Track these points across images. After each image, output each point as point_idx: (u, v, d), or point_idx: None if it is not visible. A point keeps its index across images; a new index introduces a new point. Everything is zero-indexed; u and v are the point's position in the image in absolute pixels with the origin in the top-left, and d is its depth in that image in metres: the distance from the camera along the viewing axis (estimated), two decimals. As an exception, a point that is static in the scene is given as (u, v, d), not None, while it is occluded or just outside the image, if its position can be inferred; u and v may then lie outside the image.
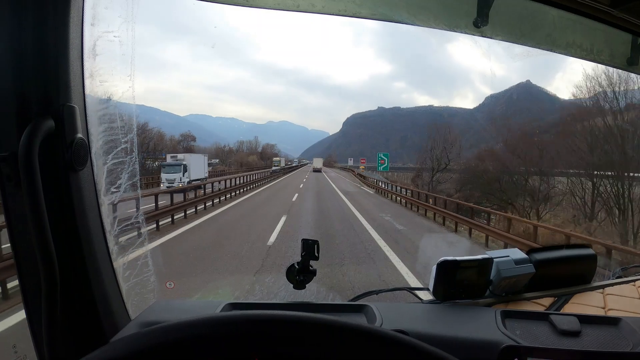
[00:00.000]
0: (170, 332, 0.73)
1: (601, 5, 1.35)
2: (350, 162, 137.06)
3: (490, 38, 1.49)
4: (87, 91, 1.16)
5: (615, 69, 1.65)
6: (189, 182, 32.69)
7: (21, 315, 6.12)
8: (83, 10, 1.11)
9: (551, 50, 1.60)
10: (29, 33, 1.00)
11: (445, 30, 1.48)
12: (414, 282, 8.93)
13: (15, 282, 7.61)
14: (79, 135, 1.09)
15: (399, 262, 10.58)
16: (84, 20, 1.12)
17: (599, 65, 1.63)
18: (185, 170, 34.33)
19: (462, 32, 1.46)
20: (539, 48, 1.58)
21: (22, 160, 0.94)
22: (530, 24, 1.52)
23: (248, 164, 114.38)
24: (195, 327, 0.73)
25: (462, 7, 1.43)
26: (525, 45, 1.56)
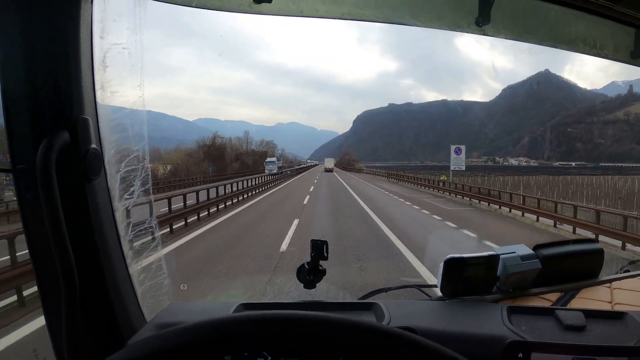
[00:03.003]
0: (184, 334, 0.77)
1: (602, 1, 1.36)
2: (458, 160, 47.30)
3: (493, 36, 1.51)
4: (98, 102, 1.20)
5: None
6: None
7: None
8: (92, 24, 1.15)
9: (554, 47, 1.61)
10: (41, 50, 1.05)
11: (447, 30, 1.50)
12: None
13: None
14: (93, 145, 1.13)
15: None
16: (93, 34, 1.16)
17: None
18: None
19: (464, 32, 1.48)
20: (542, 44, 1.59)
21: (40, 172, 0.98)
22: (532, 21, 1.53)
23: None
24: (207, 328, 0.77)
25: (464, 7, 1.44)
26: (528, 42, 1.58)
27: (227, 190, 27.59)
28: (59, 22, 1.06)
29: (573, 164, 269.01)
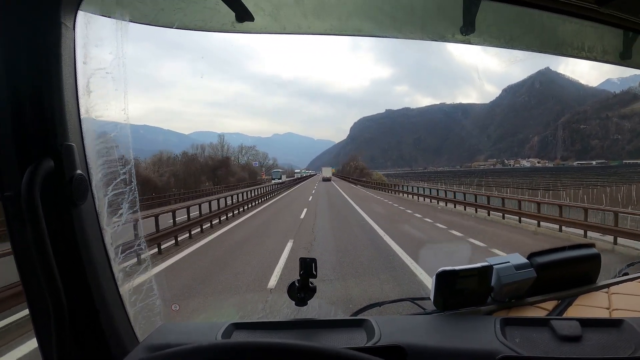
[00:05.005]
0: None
1: (588, 4, 1.36)
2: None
3: (479, 45, 1.51)
4: (84, 128, 1.20)
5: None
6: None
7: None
8: (75, 50, 1.16)
9: (542, 52, 1.61)
10: (23, 78, 1.05)
11: (432, 41, 1.50)
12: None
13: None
14: (78, 171, 1.14)
15: None
16: (77, 60, 1.17)
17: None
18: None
19: (449, 42, 1.48)
20: (529, 50, 1.59)
21: (25, 199, 0.99)
22: (518, 28, 1.53)
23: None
24: (193, 354, 0.77)
25: (448, 17, 1.45)
26: (515, 49, 1.58)
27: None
28: (41, 49, 1.07)
29: (594, 162, 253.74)
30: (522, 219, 19.31)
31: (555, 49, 1.61)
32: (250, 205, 30.52)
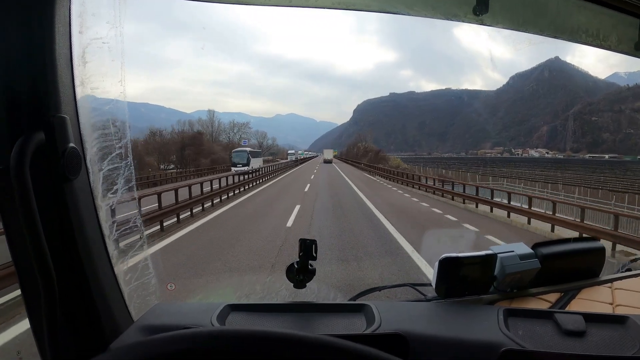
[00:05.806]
0: (159, 345, 0.75)
1: None
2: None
3: (491, 26, 1.46)
4: (78, 99, 1.17)
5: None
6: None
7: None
8: (70, 19, 1.12)
9: (555, 37, 1.55)
10: (15, 47, 1.01)
11: (443, 19, 1.45)
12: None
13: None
14: (71, 144, 1.10)
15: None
16: (72, 29, 1.13)
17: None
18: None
19: (461, 21, 1.43)
20: (543, 35, 1.54)
21: (14, 174, 0.96)
22: (533, 10, 1.49)
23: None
24: (187, 340, 0.75)
25: None
26: (528, 32, 1.52)
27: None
28: (34, 17, 1.03)
29: (606, 156, 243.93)
30: None
31: (570, 34, 1.55)
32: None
